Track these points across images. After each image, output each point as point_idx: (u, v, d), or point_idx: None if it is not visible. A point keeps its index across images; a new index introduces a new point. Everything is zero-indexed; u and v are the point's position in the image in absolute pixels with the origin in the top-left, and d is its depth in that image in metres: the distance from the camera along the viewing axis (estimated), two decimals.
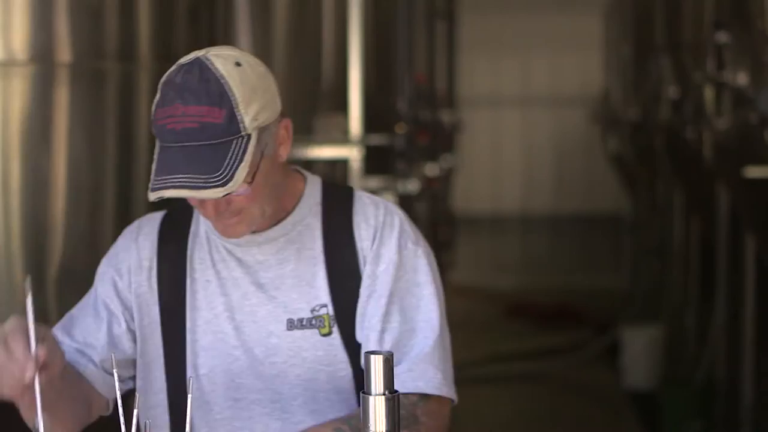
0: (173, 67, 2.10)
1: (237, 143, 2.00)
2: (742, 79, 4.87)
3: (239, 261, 2.22)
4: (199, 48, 3.67)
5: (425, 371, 2.17)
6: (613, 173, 10.40)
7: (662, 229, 7.92)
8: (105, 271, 2.30)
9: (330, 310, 2.19)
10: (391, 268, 2.20)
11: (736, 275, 5.74)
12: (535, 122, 11.64)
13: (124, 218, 3.33)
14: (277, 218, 2.21)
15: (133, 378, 2.27)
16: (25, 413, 2.08)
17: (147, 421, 1.62)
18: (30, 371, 1.85)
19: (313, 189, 2.26)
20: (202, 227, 2.27)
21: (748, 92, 4.64)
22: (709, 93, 5.55)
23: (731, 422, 5.77)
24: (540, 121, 11.64)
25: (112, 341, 2.23)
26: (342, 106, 5.06)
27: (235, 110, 2.01)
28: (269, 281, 2.21)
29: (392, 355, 1.78)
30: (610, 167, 10.34)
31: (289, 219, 2.22)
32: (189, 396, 1.81)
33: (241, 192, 2.05)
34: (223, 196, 2.01)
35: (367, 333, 2.19)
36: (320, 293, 2.20)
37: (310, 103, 5.72)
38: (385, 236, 2.21)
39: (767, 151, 4.29)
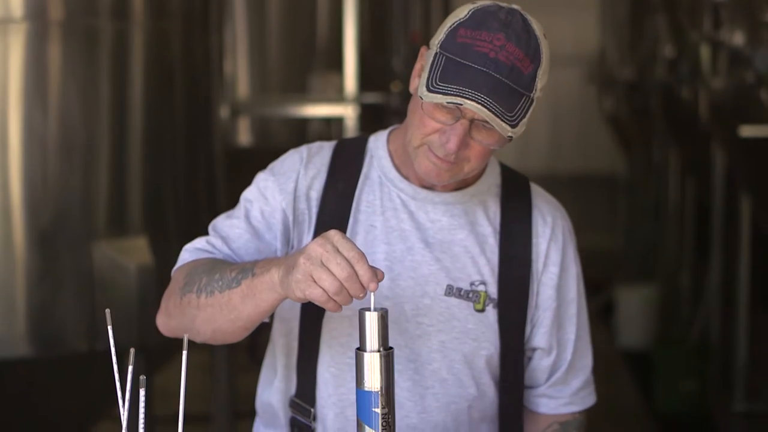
0: (489, 3, 2.05)
1: (524, 101, 1.99)
2: (738, 38, 4.86)
3: (411, 214, 2.19)
4: (194, 5, 3.67)
5: (592, 392, 2.31)
6: (608, 133, 10.39)
7: (657, 189, 7.92)
8: (267, 186, 2.21)
9: (488, 289, 2.18)
10: (575, 281, 2.27)
11: (731, 235, 5.74)
12: None
13: (118, 174, 3.34)
14: (457, 187, 2.20)
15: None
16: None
17: (142, 377, 1.61)
18: (375, 285, 1.83)
19: (493, 169, 2.26)
20: (375, 171, 2.22)
21: (745, 52, 4.62)
22: (705, 52, 5.54)
23: (725, 382, 5.79)
24: None
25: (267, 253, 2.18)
26: (337, 64, 5.06)
27: (538, 72, 2.01)
28: (437, 243, 2.18)
29: (386, 311, 1.78)
30: (606, 127, 10.33)
31: (469, 190, 2.21)
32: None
33: (495, 145, 2.05)
34: (507, 136, 2.00)
35: (548, 339, 2.25)
36: (483, 270, 2.18)
37: (306, 61, 5.70)
38: (567, 243, 2.26)
39: (763, 110, 4.29)
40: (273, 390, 2.26)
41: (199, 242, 2.20)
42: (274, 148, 2.32)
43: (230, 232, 2.19)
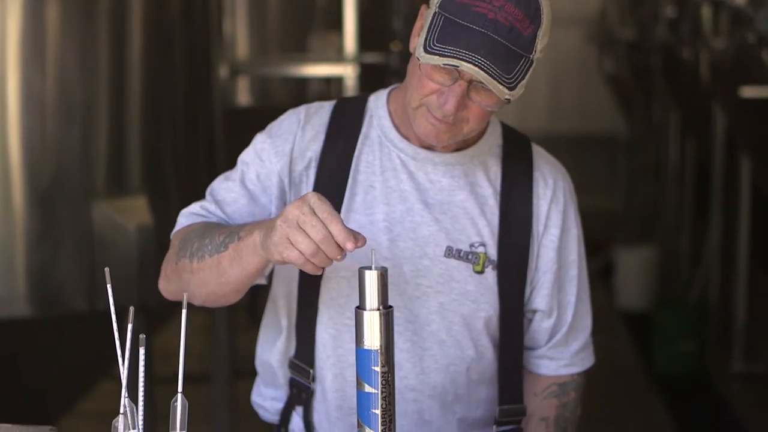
0: None
1: (524, 62, 1.97)
2: None
3: (411, 175, 2.17)
4: None
5: (591, 353, 2.32)
6: (608, 93, 10.36)
7: (658, 150, 7.91)
8: (264, 148, 2.20)
9: (488, 251, 2.17)
10: (576, 243, 2.26)
11: (730, 196, 5.74)
12: None
13: (117, 134, 3.33)
14: (458, 147, 2.18)
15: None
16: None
17: (141, 336, 1.61)
18: (351, 245, 1.83)
19: (494, 129, 2.24)
20: (375, 131, 2.21)
21: (746, 12, 4.61)
22: (706, 12, 5.52)
23: (723, 343, 5.80)
24: None
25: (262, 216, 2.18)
26: (337, 24, 5.04)
27: (537, 33, 1.98)
28: (437, 204, 2.17)
29: (386, 270, 1.77)
30: (606, 87, 10.30)
31: (469, 150, 2.19)
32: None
33: (494, 107, 2.03)
34: (505, 99, 1.98)
35: (549, 301, 2.24)
36: (482, 232, 2.17)
37: (305, 21, 5.68)
38: (568, 205, 2.24)
39: (764, 71, 4.28)
40: (274, 350, 2.27)
41: (195, 207, 2.20)
42: (273, 107, 2.32)
43: (226, 195, 2.19)
